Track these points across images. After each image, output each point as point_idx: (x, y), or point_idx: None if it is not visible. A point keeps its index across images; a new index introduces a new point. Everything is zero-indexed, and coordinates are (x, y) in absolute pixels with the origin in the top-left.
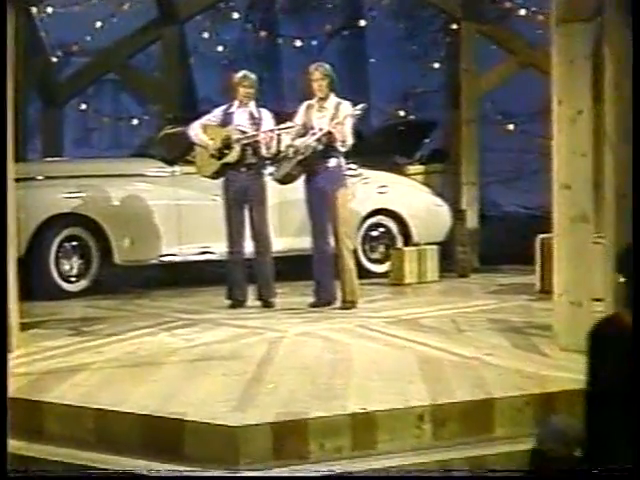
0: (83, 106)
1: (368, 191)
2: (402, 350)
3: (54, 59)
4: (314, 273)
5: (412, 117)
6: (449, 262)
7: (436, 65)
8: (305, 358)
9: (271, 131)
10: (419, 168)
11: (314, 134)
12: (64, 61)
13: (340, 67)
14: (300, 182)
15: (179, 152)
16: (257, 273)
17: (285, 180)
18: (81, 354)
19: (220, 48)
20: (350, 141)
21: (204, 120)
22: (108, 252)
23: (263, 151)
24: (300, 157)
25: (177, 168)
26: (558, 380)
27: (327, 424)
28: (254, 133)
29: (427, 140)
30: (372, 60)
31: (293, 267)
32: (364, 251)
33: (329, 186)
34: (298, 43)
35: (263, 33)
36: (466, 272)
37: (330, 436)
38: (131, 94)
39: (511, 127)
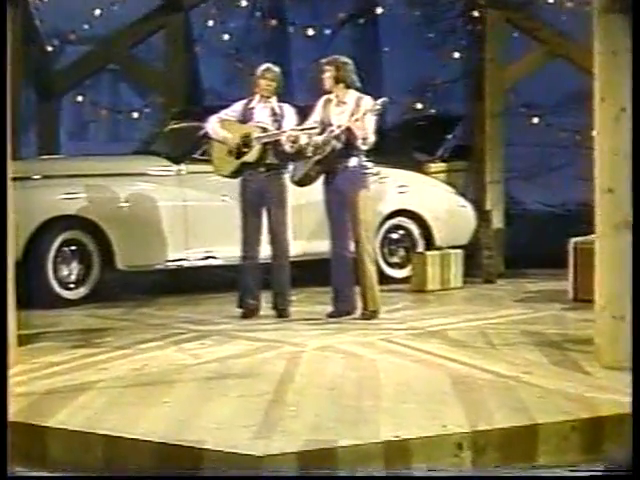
0: (80, 98)
1: (387, 191)
2: (433, 368)
3: (49, 48)
4: (332, 280)
5: (433, 111)
6: (473, 266)
7: (456, 54)
8: (328, 376)
9: (293, 130)
10: (441, 166)
11: (332, 131)
12: (60, 51)
13: (353, 57)
14: (317, 182)
15: (185, 149)
16: (272, 280)
17: (303, 182)
18: (84, 371)
19: (226, 37)
20: (372, 138)
21: (222, 114)
22: (110, 257)
23: (285, 151)
24: (318, 156)
25: (183, 167)
26: (604, 403)
27: (358, 452)
28: (276, 132)
29: (450, 136)
30: (386, 49)
31: (308, 272)
32: (383, 255)
33: (349, 187)
34: (310, 32)
35: (273, 21)
36: (492, 278)
37: (362, 465)
38: (132, 86)
39: (535, 120)
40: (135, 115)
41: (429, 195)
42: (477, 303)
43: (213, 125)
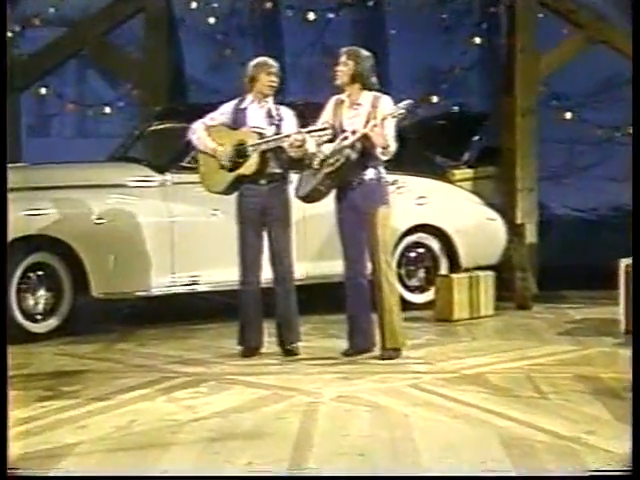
0: (43, 90)
1: (405, 202)
2: (478, 426)
3: (9, 34)
4: (347, 311)
5: (455, 108)
6: (503, 288)
7: (477, 40)
8: (354, 437)
9: (299, 134)
10: (466, 172)
11: (346, 138)
12: (22, 37)
13: (356, 43)
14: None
15: (171, 156)
16: (277, 310)
17: (311, 198)
18: (60, 430)
19: (212, 20)
20: (393, 147)
21: (208, 120)
22: (83, 283)
23: (289, 157)
24: (329, 168)
25: (168, 176)
26: None
27: None
28: (277, 137)
29: (476, 137)
30: (393, 31)
31: (313, 298)
32: (400, 277)
33: (366, 204)
34: (311, 16)
35: (268, 4)
36: (527, 303)
37: None
38: (104, 77)
39: (568, 115)
40: (107, 110)
41: (453, 207)
42: (515, 336)
43: (199, 134)
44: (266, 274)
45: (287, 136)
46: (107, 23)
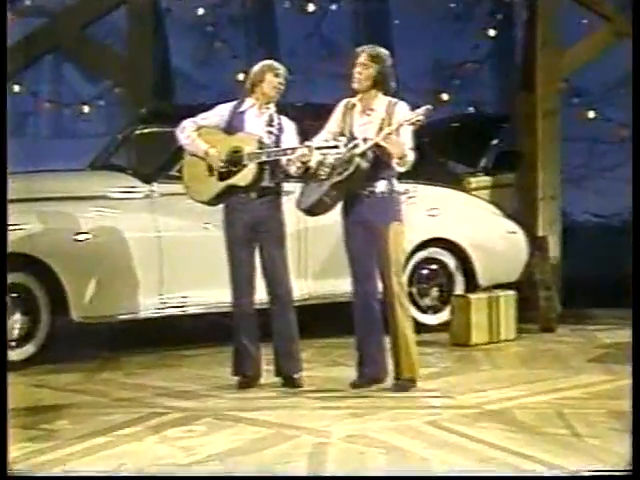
0: (17, 88)
1: (415, 214)
2: (506, 470)
3: None
4: (356, 337)
5: (471, 108)
6: (523, 306)
7: (491, 32)
8: None
9: (307, 148)
10: (483, 180)
11: (356, 146)
12: None
13: (356, 34)
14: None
15: (158, 164)
16: (274, 335)
17: (315, 210)
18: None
19: (201, 11)
20: (410, 157)
21: (200, 119)
22: (62, 305)
23: (287, 172)
24: (336, 178)
25: (155, 187)
26: None
27: None
28: (281, 149)
29: (494, 141)
30: (397, 22)
31: (315, 320)
32: (411, 296)
33: (377, 219)
34: (311, 7)
35: None
36: (552, 325)
37: None
38: (83, 74)
39: (591, 114)
40: (86, 109)
41: (469, 219)
42: (540, 364)
43: (188, 133)
44: (263, 294)
45: (292, 149)
46: (87, 15)
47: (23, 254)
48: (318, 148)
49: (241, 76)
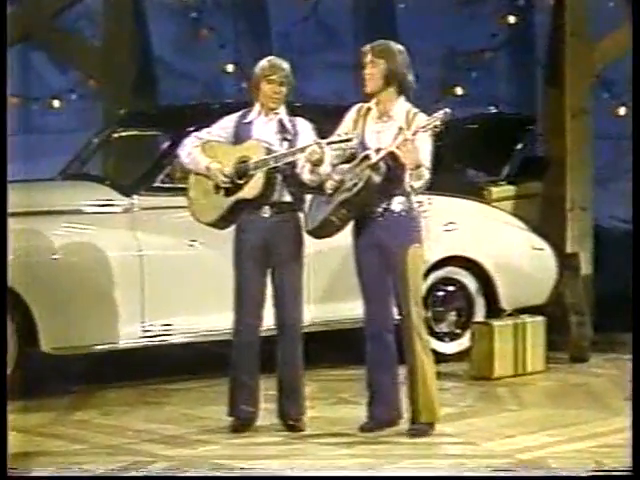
0: None
1: (430, 229)
2: None
3: None
4: (367, 373)
5: (492, 108)
6: (552, 331)
7: (512, 19)
8: None
9: (317, 145)
10: (507, 190)
11: (367, 157)
12: None
13: (357, 19)
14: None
15: (139, 173)
16: (280, 371)
17: (322, 231)
18: None
19: None
20: (426, 169)
21: (204, 134)
22: (32, 335)
23: (302, 181)
24: (345, 194)
25: (136, 199)
26: None
27: None
28: (288, 151)
29: (519, 146)
30: (402, 5)
31: (319, 348)
32: (426, 321)
33: (393, 241)
34: None
35: None
36: (584, 354)
37: None
38: (55, 64)
39: (622, 111)
40: (56, 103)
41: (490, 234)
42: (574, 403)
43: (189, 150)
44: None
45: (302, 149)
46: (59, 2)
47: None
48: (329, 143)
49: (230, 67)
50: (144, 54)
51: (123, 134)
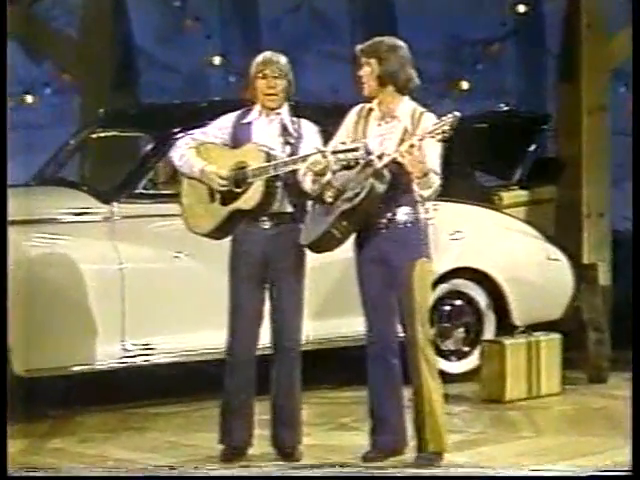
0: None
1: (436, 238)
2: None
3: None
4: (369, 399)
5: (503, 105)
6: (568, 348)
7: (521, 7)
8: None
9: (321, 154)
10: (519, 195)
11: (370, 163)
12: None
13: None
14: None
15: (119, 178)
16: (274, 395)
17: (321, 245)
18: None
19: None
20: (436, 177)
21: (199, 135)
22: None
23: (304, 191)
24: (346, 205)
25: (116, 207)
26: None
27: None
28: (289, 159)
29: (533, 147)
30: None
31: (318, 367)
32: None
33: (399, 255)
34: None
35: None
36: (603, 374)
37: None
38: (29, 57)
39: None
40: (29, 99)
41: (501, 243)
42: (593, 429)
43: (182, 151)
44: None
45: (304, 158)
46: None
47: None
48: (334, 152)
49: (217, 60)
50: (124, 45)
51: (102, 135)
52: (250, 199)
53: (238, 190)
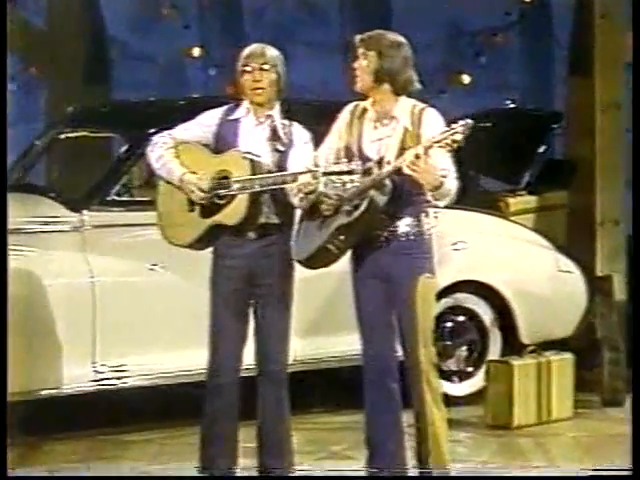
0: None
1: (436, 248)
2: None
3: None
4: (366, 427)
5: (509, 102)
6: (580, 367)
7: None
8: None
9: (312, 174)
10: (527, 201)
11: (369, 171)
12: None
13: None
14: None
15: (90, 185)
16: (260, 422)
17: (316, 261)
18: None
19: None
20: (452, 185)
21: (179, 132)
22: None
23: (289, 205)
24: (344, 219)
25: (87, 216)
26: None
27: None
28: (277, 175)
29: (542, 148)
30: None
31: (307, 389)
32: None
33: (400, 271)
34: None
35: None
36: (619, 396)
37: None
38: None
39: None
40: None
41: (508, 254)
42: (610, 457)
43: (161, 152)
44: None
45: (294, 177)
46: None
47: None
48: (326, 174)
49: (196, 51)
50: (95, 36)
51: (71, 135)
52: (233, 214)
53: (220, 202)
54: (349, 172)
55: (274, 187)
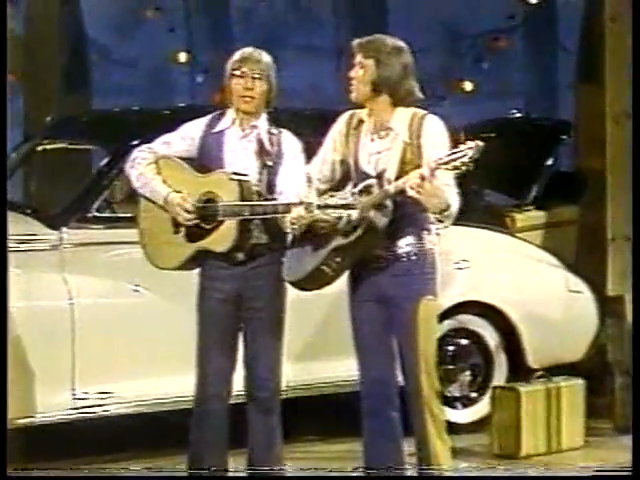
0: None
1: (439, 267)
2: None
3: None
4: (365, 454)
5: (515, 112)
6: (591, 393)
7: None
8: None
9: (306, 207)
10: (535, 217)
11: (368, 189)
12: None
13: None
14: None
15: (69, 200)
16: (250, 452)
17: (310, 283)
18: None
19: None
20: (454, 206)
21: (160, 145)
22: None
23: (279, 228)
24: (341, 241)
25: (65, 233)
26: None
27: None
28: (268, 204)
29: (551, 160)
30: None
31: (300, 416)
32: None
33: (400, 293)
34: None
35: None
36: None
37: None
38: None
39: None
40: None
41: (514, 273)
42: None
43: (141, 170)
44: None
45: (286, 207)
46: None
47: None
48: (321, 207)
49: (182, 56)
50: (76, 40)
51: (49, 147)
52: (221, 240)
53: (206, 226)
54: (347, 206)
55: (265, 216)
